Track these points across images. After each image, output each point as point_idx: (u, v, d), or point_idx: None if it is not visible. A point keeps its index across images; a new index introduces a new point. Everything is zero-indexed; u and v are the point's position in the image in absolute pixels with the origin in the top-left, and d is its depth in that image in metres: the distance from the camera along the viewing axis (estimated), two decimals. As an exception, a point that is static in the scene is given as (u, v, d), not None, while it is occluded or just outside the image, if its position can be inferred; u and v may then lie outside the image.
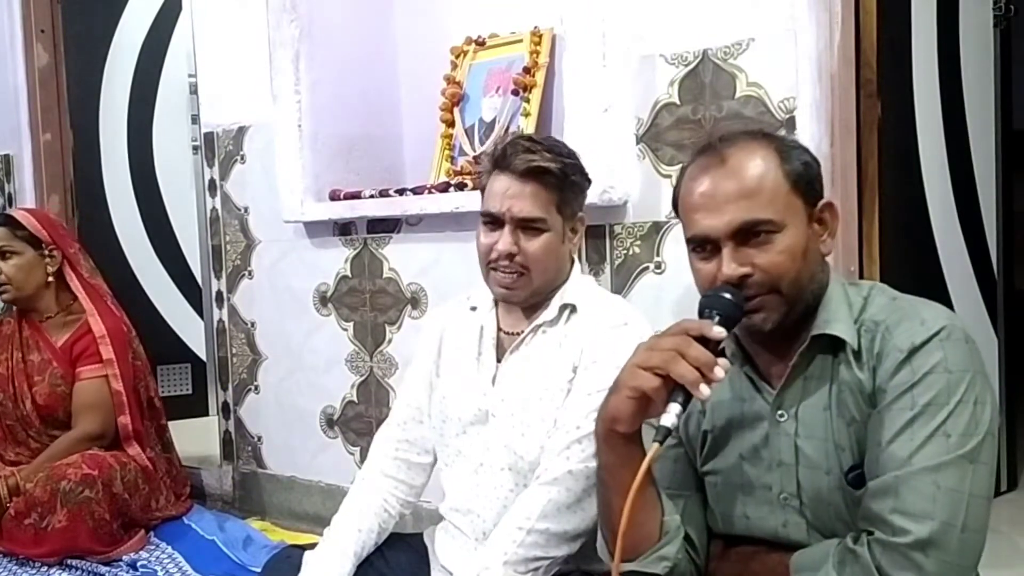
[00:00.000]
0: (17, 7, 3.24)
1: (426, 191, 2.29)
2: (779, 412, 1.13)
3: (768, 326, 1.09)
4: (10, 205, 3.39)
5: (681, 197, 1.14)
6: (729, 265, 1.07)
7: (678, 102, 1.87)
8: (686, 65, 1.86)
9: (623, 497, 0.99)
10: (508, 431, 1.47)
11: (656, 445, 0.98)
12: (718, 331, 1.01)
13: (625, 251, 1.96)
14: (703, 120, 1.84)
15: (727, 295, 1.05)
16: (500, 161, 1.44)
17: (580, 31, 1.95)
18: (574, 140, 1.75)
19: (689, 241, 1.13)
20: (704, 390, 0.98)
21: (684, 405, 0.99)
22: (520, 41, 2.25)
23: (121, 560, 2.31)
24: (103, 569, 2.26)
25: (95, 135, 3.41)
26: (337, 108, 2.49)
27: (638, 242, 1.95)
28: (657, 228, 1.92)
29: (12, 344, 2.58)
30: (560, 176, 1.44)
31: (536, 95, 2.18)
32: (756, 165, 1.09)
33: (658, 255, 1.92)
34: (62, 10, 3.27)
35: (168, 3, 3.29)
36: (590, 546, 1.39)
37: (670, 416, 0.98)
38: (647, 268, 1.94)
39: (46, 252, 2.56)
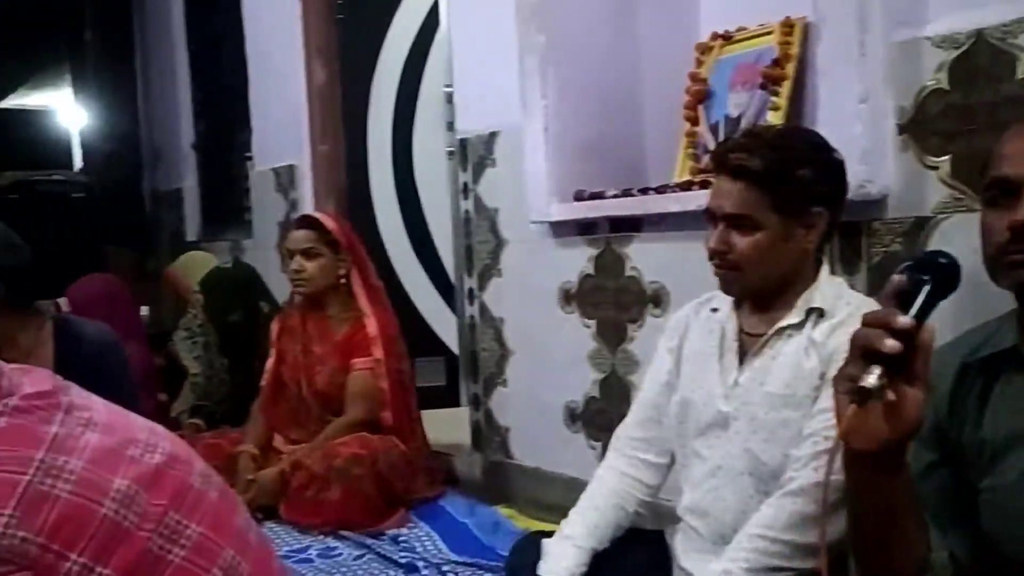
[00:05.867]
0: (299, 30, 3.61)
1: (668, 190, 2.28)
2: None
3: None
4: (293, 211, 3.78)
5: (994, 153, 1.08)
6: None
7: (947, 88, 1.73)
8: (956, 48, 1.71)
9: (869, 524, 0.92)
10: (749, 436, 1.44)
11: (853, 407, 0.89)
12: (903, 321, 0.88)
13: (883, 249, 1.84)
14: (975, 107, 1.68)
15: (942, 259, 0.94)
16: (716, 158, 1.46)
17: (835, 18, 1.86)
18: (828, 133, 1.67)
19: (988, 187, 1.06)
20: (888, 342, 0.86)
21: (886, 364, 0.87)
22: (769, 33, 2.18)
23: (385, 534, 2.50)
24: (369, 541, 2.45)
25: (364, 145, 3.72)
26: (582, 111, 2.55)
27: (898, 239, 1.82)
28: (921, 224, 1.78)
29: (297, 336, 2.88)
30: (766, 175, 1.39)
31: (786, 88, 2.10)
32: None
33: (922, 253, 1.78)
34: (338, 31, 3.61)
35: (428, 20, 3.51)
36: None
37: (869, 378, 0.87)
38: (909, 267, 1.81)
39: (341, 256, 2.84)
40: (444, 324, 3.66)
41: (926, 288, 0.92)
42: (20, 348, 2.02)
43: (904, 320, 0.88)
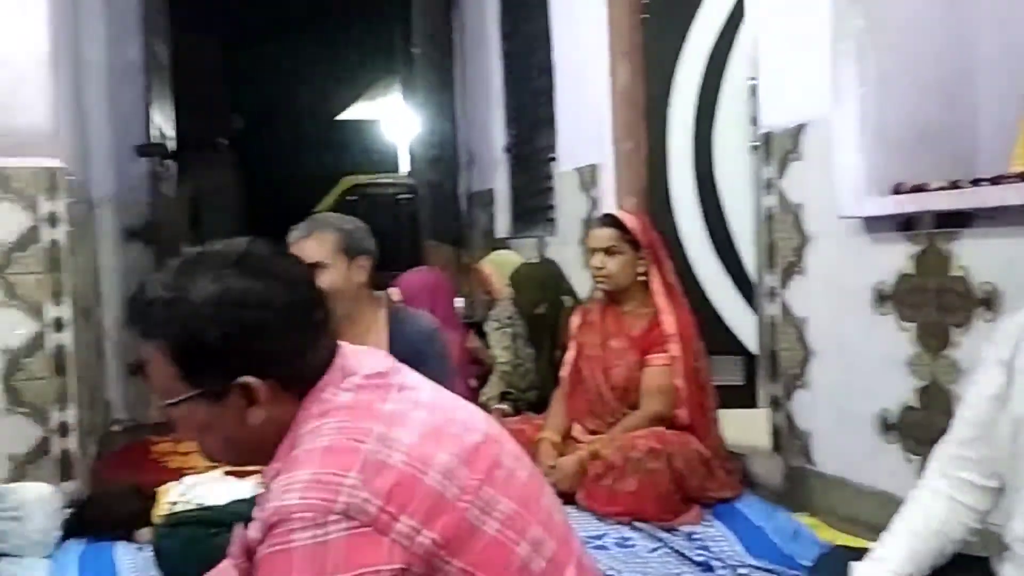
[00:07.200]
0: (604, 32, 3.72)
1: (1006, 180, 2.05)
2: None
3: None
4: (595, 208, 3.90)
5: None
6: None
7: None
8: None
9: None
10: (1096, 461, 1.26)
11: None
12: None
13: None
14: None
15: None
16: None
17: None
18: None
19: None
20: None
21: None
22: None
23: (679, 530, 2.50)
24: (663, 535, 2.46)
25: (663, 142, 3.74)
26: (904, 98, 2.37)
27: None
28: None
29: (595, 330, 2.98)
30: None
31: None
32: None
33: None
34: (642, 31, 3.66)
35: (732, 14, 3.44)
36: None
37: None
38: None
39: (641, 254, 2.90)
40: (742, 322, 3.58)
41: None
42: (359, 328, 2.30)
43: None
